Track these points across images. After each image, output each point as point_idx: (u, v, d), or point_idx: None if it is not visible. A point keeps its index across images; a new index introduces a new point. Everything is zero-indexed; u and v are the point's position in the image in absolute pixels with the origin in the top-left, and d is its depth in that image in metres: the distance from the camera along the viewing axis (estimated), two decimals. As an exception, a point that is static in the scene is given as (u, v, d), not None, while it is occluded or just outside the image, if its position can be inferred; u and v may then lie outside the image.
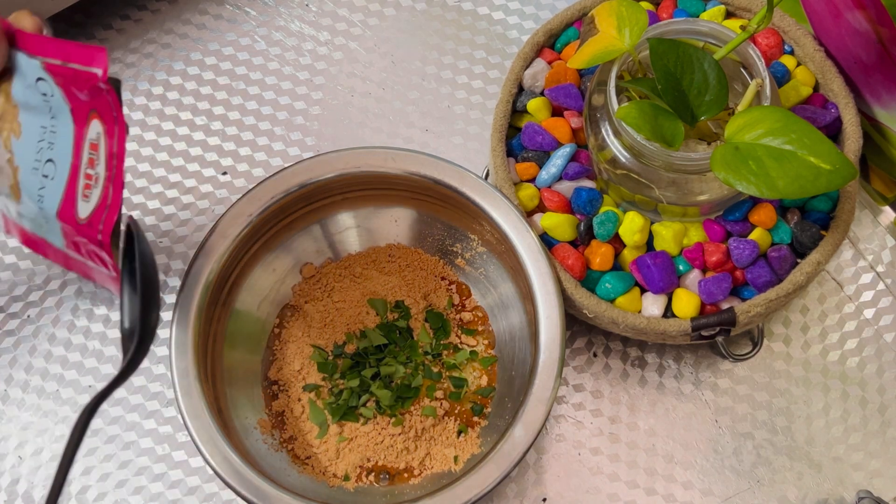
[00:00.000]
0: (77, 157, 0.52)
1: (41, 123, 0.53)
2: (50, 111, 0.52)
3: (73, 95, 0.51)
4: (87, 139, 0.51)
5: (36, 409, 0.70)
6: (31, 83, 0.52)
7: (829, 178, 0.53)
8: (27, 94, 0.53)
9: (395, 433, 0.65)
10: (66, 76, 0.51)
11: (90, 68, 0.50)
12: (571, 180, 0.65)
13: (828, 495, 0.67)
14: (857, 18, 0.64)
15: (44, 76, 0.52)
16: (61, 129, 0.52)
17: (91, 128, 0.51)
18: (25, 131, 0.53)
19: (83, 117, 0.51)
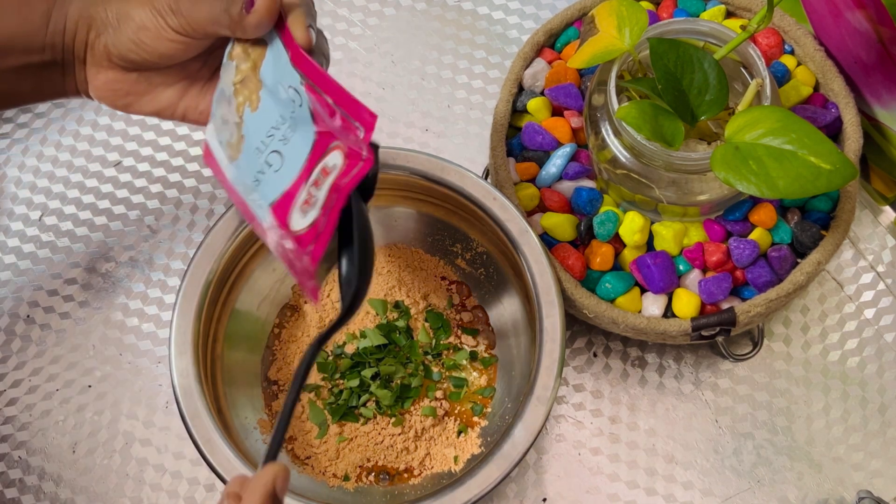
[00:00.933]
0: (307, 170, 0.52)
1: (281, 113, 0.53)
2: (293, 113, 0.53)
3: (322, 121, 0.52)
4: (322, 162, 0.52)
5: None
6: (282, 80, 0.53)
7: (830, 177, 0.53)
8: (277, 84, 0.53)
9: (394, 433, 0.65)
10: (324, 106, 0.52)
11: (355, 122, 0.51)
12: (571, 180, 0.65)
13: (828, 495, 0.67)
14: (857, 18, 0.64)
15: (300, 91, 0.52)
16: (299, 138, 0.53)
17: (330, 157, 0.52)
18: (262, 110, 0.54)
19: (325, 143, 0.52)
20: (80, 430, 0.70)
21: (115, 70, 0.56)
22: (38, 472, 0.69)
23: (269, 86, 0.54)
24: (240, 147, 0.55)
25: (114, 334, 0.72)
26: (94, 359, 0.71)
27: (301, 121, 0.53)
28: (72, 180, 0.76)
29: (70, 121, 0.78)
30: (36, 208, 0.75)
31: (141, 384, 0.71)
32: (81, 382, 0.71)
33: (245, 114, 0.55)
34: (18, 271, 0.74)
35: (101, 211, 0.75)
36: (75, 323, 0.72)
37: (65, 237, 0.75)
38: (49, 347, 0.72)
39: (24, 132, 0.78)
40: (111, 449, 0.69)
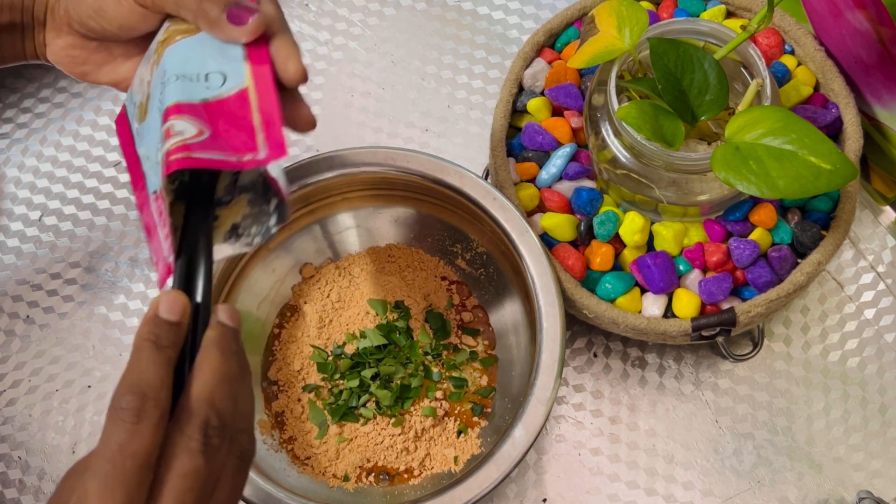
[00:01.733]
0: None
1: (177, 72, 0.50)
2: (191, 81, 0.49)
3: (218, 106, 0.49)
4: (169, 122, 0.48)
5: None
6: (207, 58, 0.50)
7: (830, 177, 0.53)
8: (194, 55, 0.50)
9: (394, 433, 0.65)
10: (228, 111, 0.48)
11: (264, 138, 0.47)
12: (572, 180, 0.65)
13: (828, 496, 0.67)
14: (857, 18, 0.63)
15: (232, 80, 0.49)
16: (172, 91, 0.49)
17: (180, 122, 0.48)
18: (165, 59, 0.51)
19: (195, 111, 0.48)
20: (80, 430, 0.70)
21: (74, 36, 0.54)
22: (38, 472, 0.69)
23: (179, 49, 0.51)
24: (146, 106, 0.52)
25: (114, 334, 0.72)
26: (94, 359, 0.71)
27: (190, 88, 0.49)
28: (72, 180, 0.76)
29: (70, 121, 0.78)
30: (36, 208, 0.75)
31: (141, 384, 0.71)
32: (81, 382, 0.71)
33: (154, 69, 0.52)
34: (18, 271, 0.74)
35: (101, 211, 0.75)
36: (75, 323, 0.72)
37: (65, 237, 0.75)
38: (49, 347, 0.72)
39: (24, 132, 0.78)
40: (111, 449, 0.69)
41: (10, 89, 0.79)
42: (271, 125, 0.48)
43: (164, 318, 0.42)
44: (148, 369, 0.41)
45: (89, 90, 0.79)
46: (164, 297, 0.43)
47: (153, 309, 0.43)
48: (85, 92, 0.79)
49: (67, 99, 0.78)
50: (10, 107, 0.78)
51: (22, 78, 0.79)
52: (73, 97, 0.78)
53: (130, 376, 0.41)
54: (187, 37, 0.51)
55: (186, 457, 0.40)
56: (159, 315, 0.42)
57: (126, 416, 0.39)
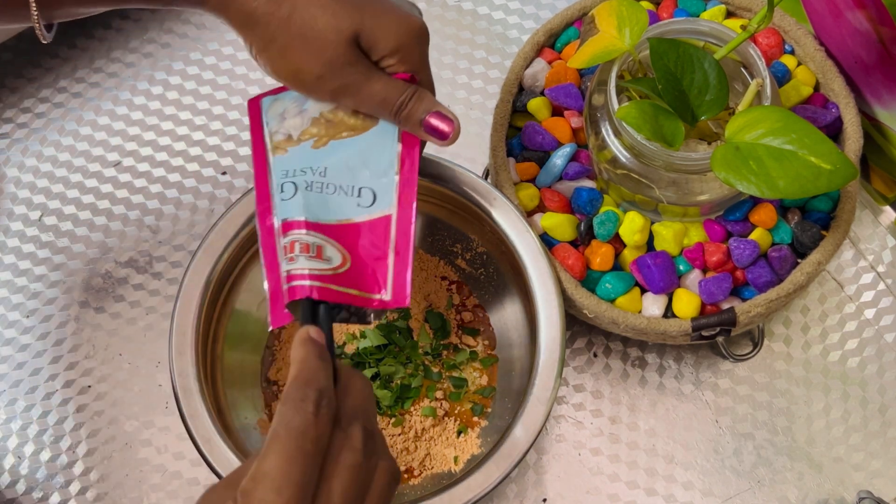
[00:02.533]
0: (306, 226, 0.53)
1: (328, 166, 0.54)
2: (339, 190, 0.54)
3: (367, 233, 0.53)
4: (322, 239, 0.53)
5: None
6: (366, 164, 0.54)
7: (830, 177, 0.53)
8: (355, 158, 0.54)
9: (394, 433, 0.65)
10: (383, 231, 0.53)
11: (389, 286, 0.53)
12: (571, 180, 0.65)
13: (828, 496, 0.67)
14: (857, 18, 0.63)
15: (374, 190, 0.54)
16: (333, 204, 0.54)
17: (330, 248, 0.52)
18: (320, 152, 0.54)
19: (344, 236, 0.53)
20: (80, 430, 0.70)
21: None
22: (39, 472, 0.69)
23: (343, 147, 0.54)
24: (275, 151, 0.55)
25: (113, 335, 0.72)
26: (94, 359, 0.71)
27: (345, 203, 0.53)
28: (72, 180, 0.76)
29: (70, 121, 0.78)
30: (36, 208, 0.75)
31: (141, 385, 0.71)
32: (81, 383, 0.71)
33: (304, 142, 0.55)
34: (18, 271, 0.74)
35: (101, 211, 0.75)
36: (75, 323, 0.72)
37: (65, 237, 0.75)
38: (49, 348, 0.72)
39: (24, 132, 0.78)
40: (111, 449, 0.69)
41: (10, 89, 0.79)
42: (402, 275, 0.53)
43: (316, 339, 0.47)
44: (319, 372, 0.45)
45: (89, 90, 0.79)
46: (312, 328, 0.48)
47: (305, 333, 0.47)
48: (85, 92, 0.79)
49: (67, 99, 0.78)
50: (10, 107, 0.78)
51: (22, 78, 0.79)
52: (73, 97, 0.78)
53: (305, 374, 0.44)
54: (354, 135, 0.55)
55: (350, 453, 0.43)
56: (314, 337, 0.47)
57: (307, 406, 0.42)
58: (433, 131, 0.54)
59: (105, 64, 0.79)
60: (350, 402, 0.45)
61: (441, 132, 0.54)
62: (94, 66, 0.79)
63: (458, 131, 0.54)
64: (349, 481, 0.43)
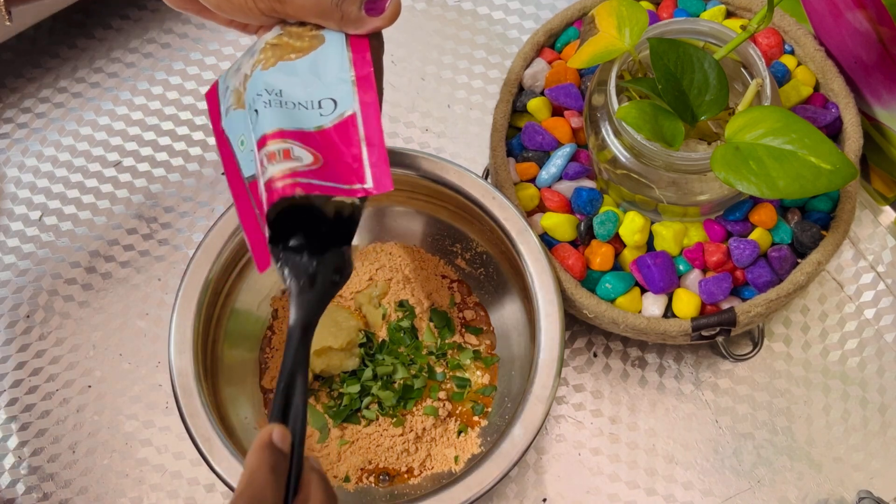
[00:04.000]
0: (273, 135, 0.52)
1: (282, 88, 0.53)
2: (301, 101, 0.53)
3: (332, 134, 0.52)
4: (290, 143, 0.52)
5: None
6: (318, 75, 0.53)
7: (830, 178, 0.53)
8: (305, 72, 0.54)
9: (395, 434, 0.65)
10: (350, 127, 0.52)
11: (368, 170, 0.52)
12: (571, 180, 0.65)
13: (828, 495, 0.67)
14: (857, 18, 0.63)
15: (336, 101, 0.53)
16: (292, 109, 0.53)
17: (299, 149, 0.52)
18: (269, 73, 0.54)
19: (311, 140, 0.52)
20: (80, 430, 0.70)
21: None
22: (39, 472, 0.69)
23: (294, 69, 0.54)
24: (241, 100, 0.55)
25: (113, 334, 0.72)
26: (94, 359, 0.71)
27: (307, 116, 0.53)
28: (72, 180, 0.76)
29: (70, 121, 0.78)
30: (36, 208, 0.75)
31: (141, 384, 0.71)
32: (81, 382, 0.71)
33: (255, 71, 0.54)
34: (18, 271, 0.74)
35: (102, 211, 0.75)
36: (75, 323, 0.72)
37: (65, 237, 0.75)
38: (49, 348, 0.72)
39: (24, 132, 0.78)
40: (111, 449, 0.69)
41: (10, 89, 0.79)
42: (379, 160, 0.52)
43: (278, 446, 0.46)
44: (267, 488, 0.44)
45: (89, 90, 0.79)
46: (277, 428, 0.47)
47: (266, 436, 0.46)
48: (85, 92, 0.79)
49: (67, 99, 0.78)
50: (10, 107, 0.78)
51: (22, 78, 0.79)
52: (73, 97, 0.78)
53: (251, 491, 0.44)
54: (302, 56, 0.54)
55: None
56: (275, 442, 0.46)
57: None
58: (374, 11, 0.53)
59: (105, 64, 0.80)
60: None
61: (380, 8, 0.53)
62: (94, 66, 0.79)
63: (396, 5, 0.53)
64: None
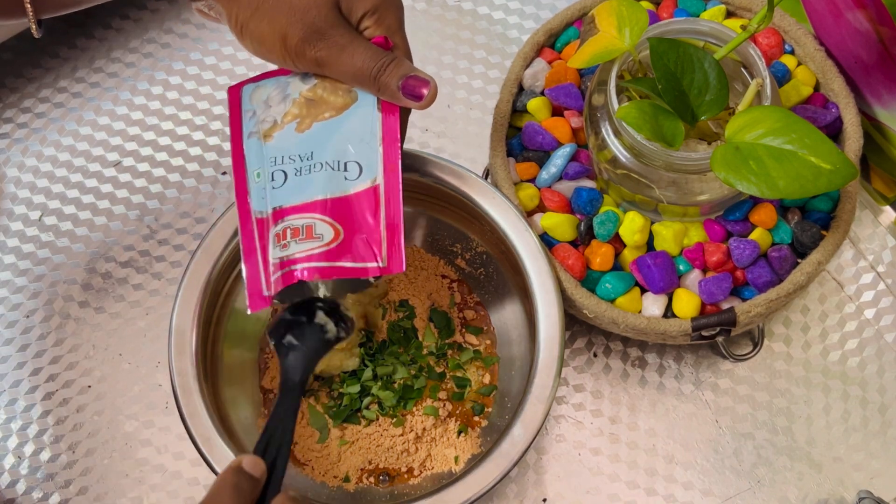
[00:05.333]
0: (298, 209, 0.54)
1: (314, 150, 0.55)
2: (327, 169, 0.55)
3: (357, 207, 0.54)
4: (312, 218, 0.54)
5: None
6: (348, 141, 0.55)
7: (830, 177, 0.53)
8: (337, 136, 0.55)
9: (395, 434, 0.65)
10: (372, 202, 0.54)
11: (382, 252, 0.54)
12: (571, 180, 0.65)
13: (828, 495, 0.67)
14: (857, 18, 0.63)
15: (361, 164, 0.55)
16: (317, 183, 0.54)
17: (320, 225, 0.53)
18: (304, 136, 0.55)
19: (334, 210, 0.54)
20: (80, 430, 0.70)
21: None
22: (39, 472, 0.69)
23: (327, 130, 0.55)
24: (263, 137, 0.56)
25: (113, 334, 0.72)
26: (94, 359, 0.71)
27: (333, 179, 0.54)
28: (72, 180, 0.76)
29: (70, 121, 0.78)
30: (36, 208, 0.75)
31: (140, 384, 0.71)
32: (81, 382, 0.71)
33: (288, 125, 0.56)
34: (18, 271, 0.74)
35: (101, 211, 0.75)
36: (75, 323, 0.72)
37: (65, 237, 0.75)
38: (49, 348, 0.72)
39: (24, 132, 0.78)
40: (111, 449, 0.69)
41: (10, 89, 0.79)
42: (395, 241, 0.54)
43: (247, 471, 0.48)
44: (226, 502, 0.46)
45: (89, 90, 0.79)
46: (250, 457, 0.49)
47: (238, 461, 0.49)
48: (85, 92, 0.79)
49: (67, 99, 0.78)
50: (10, 107, 0.78)
51: (22, 78, 0.79)
52: (73, 97, 0.78)
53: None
54: (336, 115, 0.56)
55: None
56: (243, 467, 0.48)
57: None
58: (410, 94, 0.55)
59: (105, 64, 0.80)
60: None
61: (418, 94, 0.55)
62: (94, 66, 0.79)
63: (434, 93, 0.55)
64: None
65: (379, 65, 0.54)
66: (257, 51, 0.56)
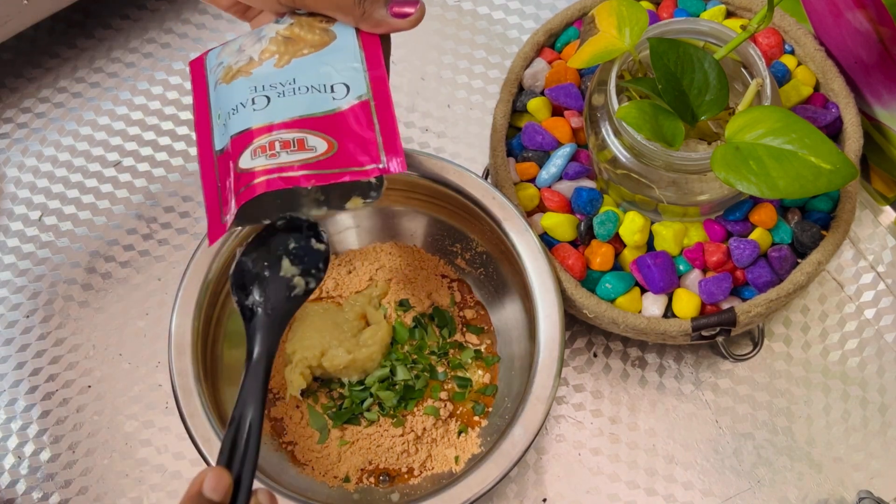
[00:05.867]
0: (287, 125, 0.53)
1: (295, 77, 0.54)
2: (313, 92, 0.54)
3: (349, 119, 0.53)
4: (303, 133, 0.53)
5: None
6: (330, 66, 0.54)
7: (830, 177, 0.53)
8: (318, 65, 0.54)
9: (395, 434, 0.65)
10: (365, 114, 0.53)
11: (383, 153, 0.52)
12: (571, 180, 0.65)
13: (828, 496, 0.67)
14: (857, 18, 0.63)
15: (348, 85, 0.54)
16: (304, 102, 0.53)
17: (313, 137, 0.52)
18: (285, 69, 0.54)
19: (326, 126, 0.53)
20: (79, 430, 0.70)
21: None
22: (39, 472, 0.69)
23: (308, 63, 0.54)
24: (235, 76, 0.55)
25: (113, 335, 0.72)
26: (94, 359, 0.71)
27: (320, 99, 0.53)
28: (72, 180, 0.76)
29: (70, 121, 0.78)
30: (36, 208, 0.75)
31: (141, 384, 0.71)
32: (81, 382, 0.71)
33: (267, 61, 0.55)
34: (18, 271, 0.74)
35: (101, 211, 0.75)
36: (75, 323, 0.72)
37: (65, 237, 0.75)
38: (49, 348, 0.72)
39: (24, 132, 0.78)
40: (111, 449, 0.69)
41: (10, 89, 0.79)
42: (391, 139, 0.53)
43: (207, 496, 0.44)
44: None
45: (89, 90, 0.79)
46: (211, 474, 0.44)
47: (197, 484, 0.44)
48: (85, 92, 0.79)
49: (67, 99, 0.78)
50: (10, 107, 0.78)
51: (22, 78, 0.79)
52: (73, 97, 0.78)
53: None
54: (314, 51, 0.55)
55: None
56: (204, 493, 0.44)
57: None
58: (398, 13, 0.54)
59: (105, 64, 0.80)
60: None
61: (405, 13, 0.54)
62: (94, 66, 0.79)
63: (422, 12, 0.54)
64: None
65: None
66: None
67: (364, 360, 0.65)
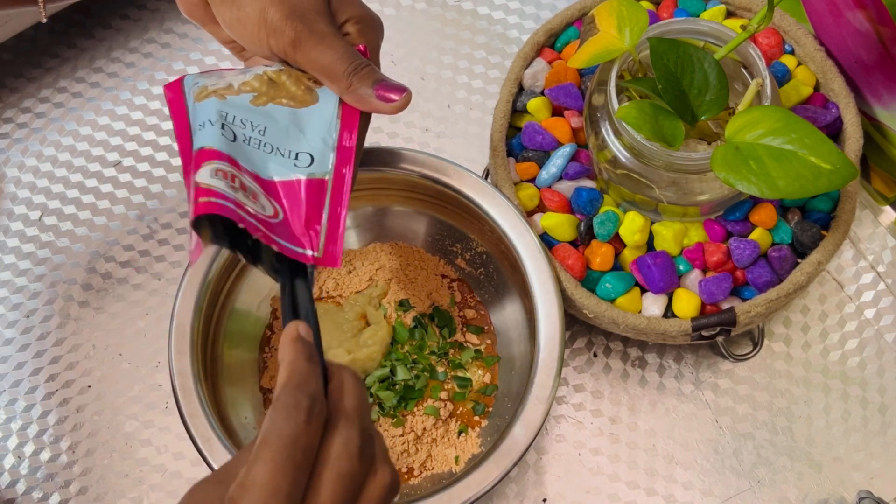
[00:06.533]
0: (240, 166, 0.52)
1: (267, 125, 0.53)
2: (280, 144, 0.53)
3: (300, 193, 0.53)
4: (258, 181, 0.52)
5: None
6: (318, 135, 0.54)
7: (830, 177, 0.53)
8: (297, 123, 0.54)
9: (395, 435, 0.65)
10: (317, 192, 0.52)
11: (321, 242, 0.51)
12: (571, 180, 0.65)
13: (828, 496, 0.67)
14: (857, 18, 0.63)
15: (318, 166, 0.53)
16: (267, 154, 0.53)
17: (263, 200, 0.52)
18: (260, 111, 0.54)
19: (289, 190, 0.53)
20: (79, 430, 0.70)
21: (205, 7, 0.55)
22: (39, 472, 0.69)
23: (283, 115, 0.54)
24: (208, 96, 0.54)
25: (113, 334, 0.72)
26: (94, 359, 0.71)
27: (282, 163, 0.53)
28: (72, 180, 0.76)
29: (70, 121, 0.78)
30: (36, 208, 0.75)
31: (141, 384, 0.71)
32: (81, 382, 0.71)
33: (244, 94, 0.54)
34: (18, 271, 0.74)
35: (101, 211, 0.75)
36: (75, 323, 0.72)
37: (65, 237, 0.75)
38: (48, 348, 0.72)
39: (24, 132, 0.78)
40: (111, 449, 0.69)
41: (10, 89, 0.79)
42: (334, 229, 0.52)
43: (306, 339, 0.45)
44: (311, 377, 0.43)
45: (89, 90, 0.79)
46: (300, 324, 0.46)
47: (293, 331, 0.45)
48: (85, 92, 0.79)
49: (67, 99, 0.78)
50: (10, 107, 0.78)
51: (22, 78, 0.79)
52: (73, 97, 0.78)
53: (296, 379, 0.43)
54: (293, 107, 0.54)
55: (345, 460, 0.42)
56: (302, 336, 0.45)
57: (299, 414, 0.41)
58: (383, 97, 0.53)
59: (105, 64, 0.80)
60: (345, 402, 0.44)
61: (389, 98, 0.53)
62: (94, 66, 0.79)
63: (407, 100, 0.53)
64: (340, 491, 0.41)
65: (355, 65, 0.53)
66: (232, 20, 0.53)
67: (364, 360, 0.65)
